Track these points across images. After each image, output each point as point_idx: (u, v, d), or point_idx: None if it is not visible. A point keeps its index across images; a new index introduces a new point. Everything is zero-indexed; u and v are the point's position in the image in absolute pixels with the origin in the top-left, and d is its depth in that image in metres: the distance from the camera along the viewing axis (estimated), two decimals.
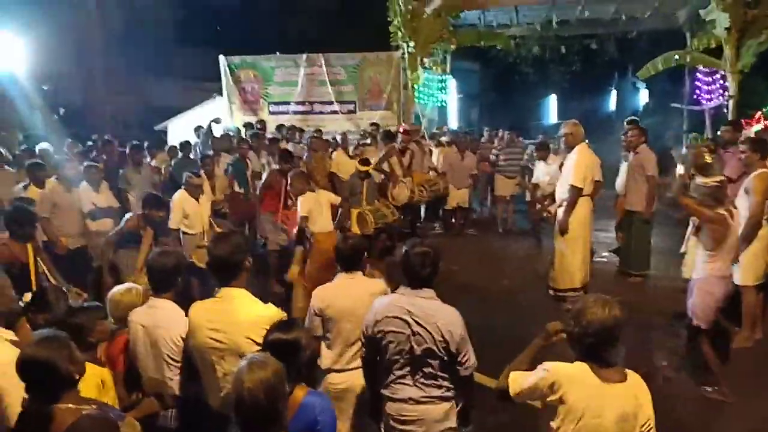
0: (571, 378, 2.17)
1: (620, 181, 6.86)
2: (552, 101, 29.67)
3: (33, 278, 4.27)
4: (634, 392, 2.18)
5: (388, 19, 12.30)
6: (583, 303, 2.21)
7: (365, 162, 7.58)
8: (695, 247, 4.58)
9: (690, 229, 5.03)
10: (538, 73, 21.83)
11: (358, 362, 3.11)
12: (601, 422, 2.12)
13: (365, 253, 3.47)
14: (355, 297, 3.21)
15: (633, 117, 8.03)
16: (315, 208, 5.85)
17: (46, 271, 4.46)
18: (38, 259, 4.48)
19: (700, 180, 4.15)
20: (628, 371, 2.23)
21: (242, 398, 1.94)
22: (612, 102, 30.47)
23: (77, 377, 2.20)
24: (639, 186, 6.51)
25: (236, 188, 7.96)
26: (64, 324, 2.75)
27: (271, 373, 1.98)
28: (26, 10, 16.49)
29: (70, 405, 2.11)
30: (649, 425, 2.20)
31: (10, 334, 2.47)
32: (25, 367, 2.11)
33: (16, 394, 2.21)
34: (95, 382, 2.63)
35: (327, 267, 4.56)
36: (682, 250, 5.53)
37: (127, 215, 5.76)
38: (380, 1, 12.82)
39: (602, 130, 17.89)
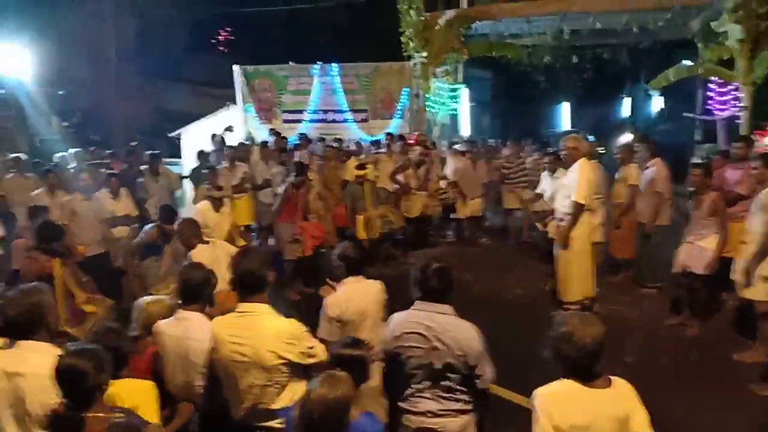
0: (563, 399, 2.23)
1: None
2: (565, 108, 29.64)
3: (59, 293, 4.38)
4: (622, 396, 2.26)
5: (400, 29, 12.42)
6: (570, 324, 2.26)
7: (361, 166, 7.68)
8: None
9: None
10: (550, 80, 21.89)
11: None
12: (600, 430, 2.19)
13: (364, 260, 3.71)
14: (366, 298, 3.49)
15: (633, 131, 7.99)
16: (211, 263, 5.31)
17: (72, 285, 4.57)
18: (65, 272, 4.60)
19: None
20: (612, 377, 2.30)
21: (303, 409, 2.07)
22: (626, 109, 30.39)
23: (105, 388, 2.30)
24: (649, 200, 6.57)
25: None
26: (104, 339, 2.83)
27: (334, 395, 2.08)
28: (42, 17, 16.81)
29: (100, 414, 2.22)
30: (644, 427, 2.25)
31: (57, 351, 2.56)
32: (59, 375, 2.23)
33: None
34: (140, 395, 2.70)
35: None
36: None
37: (147, 227, 5.90)
38: (392, 13, 12.96)
39: (617, 136, 17.87)
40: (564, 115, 30.00)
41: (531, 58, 16.27)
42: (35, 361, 2.47)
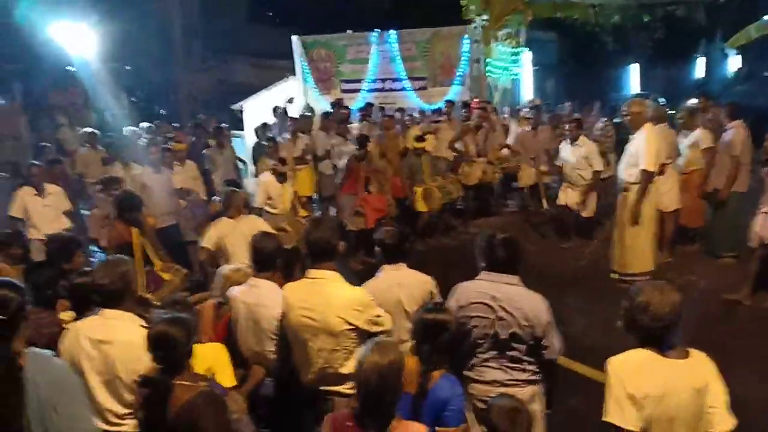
0: (638, 369, 2.20)
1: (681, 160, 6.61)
2: (634, 70, 28.19)
3: (138, 261, 4.62)
4: (700, 367, 2.22)
5: None
6: (646, 293, 2.22)
7: (420, 138, 7.60)
8: None
9: None
10: (618, 41, 20.77)
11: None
12: (677, 400, 2.15)
13: (407, 243, 3.34)
14: (403, 291, 3.11)
15: (699, 94, 7.34)
16: (231, 239, 4.75)
17: (150, 252, 4.82)
18: (143, 240, 4.84)
19: None
20: (689, 349, 2.25)
21: (359, 378, 2.13)
22: (700, 70, 28.61)
23: (189, 356, 2.42)
24: (725, 164, 6.20)
25: None
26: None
27: (387, 360, 2.11)
28: None
29: (186, 382, 2.31)
30: (721, 398, 2.21)
31: (141, 321, 2.69)
32: (154, 342, 2.33)
33: None
34: (213, 358, 2.84)
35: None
36: None
37: (213, 199, 6.13)
38: None
39: (689, 98, 16.85)
40: (633, 77, 28.56)
41: (598, 18, 15.48)
42: (123, 329, 2.60)
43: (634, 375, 2.18)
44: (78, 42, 14.43)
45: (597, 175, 7.07)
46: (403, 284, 3.15)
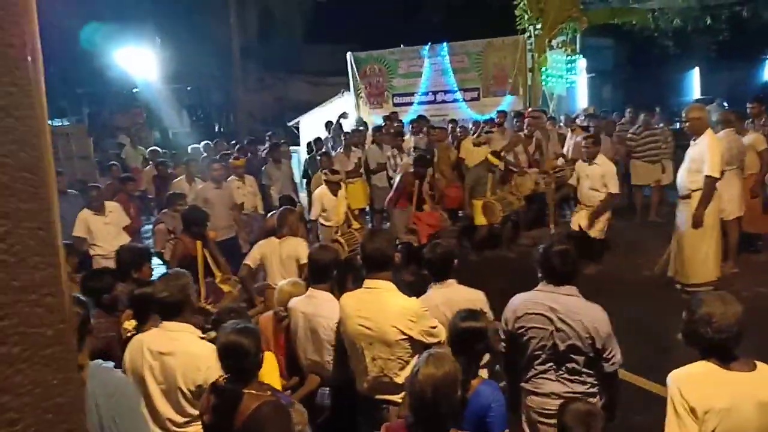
0: (700, 382, 2.14)
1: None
2: (695, 75, 27.10)
3: (201, 273, 4.81)
4: (766, 380, 2.13)
5: (514, 2, 12.00)
6: (709, 304, 2.16)
7: (497, 155, 7.49)
8: None
9: None
10: (679, 45, 20.02)
11: None
12: (743, 414, 2.07)
13: (455, 260, 3.28)
14: (450, 308, 3.00)
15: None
16: (270, 259, 4.78)
17: (212, 264, 5.00)
18: (206, 253, 5.04)
19: None
20: (757, 362, 2.17)
21: (413, 389, 2.12)
22: (766, 72, 27.21)
23: (259, 367, 2.47)
24: None
25: None
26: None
27: (442, 372, 2.10)
28: (170, 18, 18.30)
29: (253, 391, 2.36)
30: None
31: (199, 333, 2.79)
32: (225, 351, 2.37)
33: None
34: (266, 365, 2.93)
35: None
36: None
37: (270, 214, 6.30)
38: None
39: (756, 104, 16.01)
40: (694, 82, 27.47)
41: (657, 22, 15.03)
42: (183, 341, 2.70)
43: (696, 388, 2.13)
44: (141, 65, 15.26)
45: (611, 198, 6.58)
46: (452, 301, 3.11)
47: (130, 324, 3.32)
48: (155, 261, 6.62)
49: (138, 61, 15.26)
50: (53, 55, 14.78)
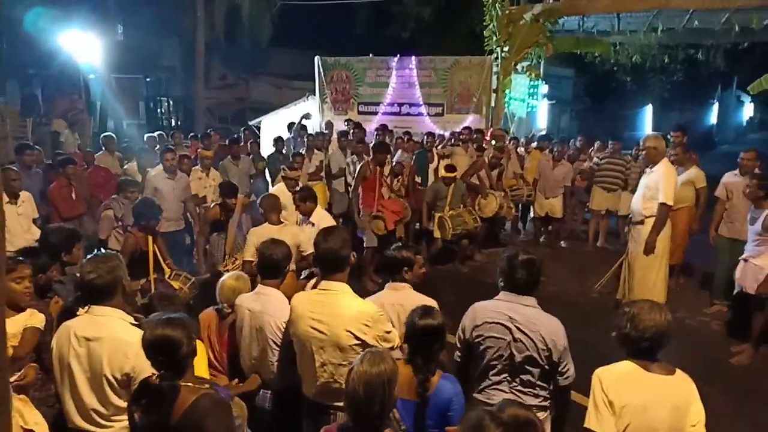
0: (621, 379, 2.28)
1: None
2: (648, 112, 28.29)
3: (150, 266, 4.57)
4: (683, 386, 2.29)
5: (484, 23, 12.18)
6: (639, 308, 2.33)
7: (451, 168, 7.53)
8: None
9: None
10: (635, 81, 20.88)
11: None
12: (656, 414, 2.22)
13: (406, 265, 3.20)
14: (404, 312, 2.87)
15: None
16: None
17: (161, 259, 4.77)
18: (156, 248, 4.80)
19: None
20: (676, 369, 2.33)
21: (348, 387, 2.05)
22: (713, 115, 28.67)
23: (193, 357, 2.28)
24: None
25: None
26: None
27: (377, 370, 2.03)
28: (138, 10, 17.79)
29: (190, 384, 2.19)
30: (700, 423, 2.26)
31: (131, 319, 2.58)
32: (154, 347, 2.17)
33: (148, 372, 2.29)
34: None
35: None
36: None
37: (211, 205, 6.12)
38: (477, 7, 12.71)
39: (701, 144, 16.81)
40: (647, 118, 28.65)
41: (618, 56, 15.55)
42: (112, 326, 2.48)
43: (616, 384, 2.27)
44: (95, 52, 14.65)
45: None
46: (404, 306, 2.98)
47: (54, 309, 3.12)
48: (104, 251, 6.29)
49: (92, 46, 14.56)
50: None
